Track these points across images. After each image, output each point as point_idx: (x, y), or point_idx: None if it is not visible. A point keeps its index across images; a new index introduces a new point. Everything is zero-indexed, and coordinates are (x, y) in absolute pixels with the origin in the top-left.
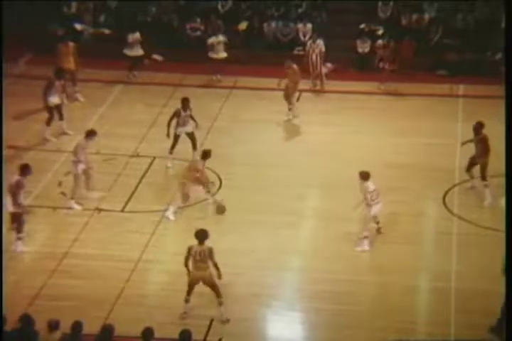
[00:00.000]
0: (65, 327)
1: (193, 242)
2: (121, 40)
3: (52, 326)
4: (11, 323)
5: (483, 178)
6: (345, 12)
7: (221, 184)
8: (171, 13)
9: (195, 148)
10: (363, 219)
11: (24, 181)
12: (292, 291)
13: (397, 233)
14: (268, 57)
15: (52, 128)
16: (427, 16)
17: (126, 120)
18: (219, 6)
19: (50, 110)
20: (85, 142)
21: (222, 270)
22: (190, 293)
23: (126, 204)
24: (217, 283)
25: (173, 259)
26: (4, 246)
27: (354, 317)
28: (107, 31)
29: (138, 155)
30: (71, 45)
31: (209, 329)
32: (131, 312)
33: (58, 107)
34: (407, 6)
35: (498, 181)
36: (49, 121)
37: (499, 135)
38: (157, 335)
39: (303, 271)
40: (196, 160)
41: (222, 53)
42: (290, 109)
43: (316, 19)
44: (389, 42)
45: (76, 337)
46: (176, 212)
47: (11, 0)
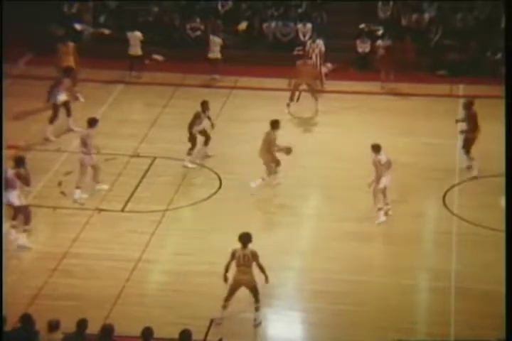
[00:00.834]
0: (65, 327)
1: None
2: (121, 40)
3: (53, 326)
4: (11, 323)
5: (468, 152)
6: (345, 12)
7: (221, 184)
8: (172, 13)
9: (207, 144)
10: (373, 192)
11: (21, 171)
12: (292, 291)
13: (397, 233)
14: (268, 57)
15: (54, 127)
16: (426, 16)
17: (127, 120)
18: (219, 6)
19: (56, 109)
20: (91, 130)
21: (222, 270)
22: (229, 299)
23: (127, 204)
24: (258, 286)
25: (173, 259)
26: (4, 246)
27: (354, 317)
28: (107, 31)
29: (138, 155)
30: (71, 45)
31: (209, 329)
32: (131, 312)
33: (66, 104)
34: (407, 6)
35: (498, 181)
36: (52, 120)
37: (499, 135)
38: (157, 335)
39: (303, 271)
40: (269, 132)
41: (217, 54)
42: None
43: (315, 19)
44: (394, 43)
45: (80, 334)
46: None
47: (11, 0)
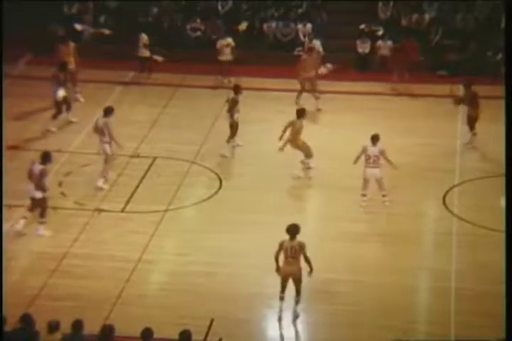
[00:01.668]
0: (65, 327)
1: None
2: (121, 40)
3: (53, 327)
4: (11, 323)
5: (472, 128)
6: (345, 12)
7: (221, 184)
8: (172, 13)
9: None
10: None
11: (47, 169)
12: (292, 291)
13: (397, 233)
14: (268, 57)
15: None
16: (427, 16)
17: (127, 120)
18: (219, 6)
19: (59, 105)
20: (107, 119)
21: (222, 270)
22: (284, 290)
23: (127, 204)
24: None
25: (173, 260)
26: (4, 246)
27: (354, 317)
28: (107, 31)
29: (138, 156)
30: (71, 45)
31: (209, 329)
32: (131, 313)
33: (66, 99)
34: (407, 6)
35: (498, 181)
36: (55, 116)
37: (499, 135)
38: (157, 335)
39: (303, 271)
40: (295, 121)
41: (229, 56)
42: (317, 98)
43: (316, 19)
44: (400, 43)
45: (76, 335)
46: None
47: (11, 0)
